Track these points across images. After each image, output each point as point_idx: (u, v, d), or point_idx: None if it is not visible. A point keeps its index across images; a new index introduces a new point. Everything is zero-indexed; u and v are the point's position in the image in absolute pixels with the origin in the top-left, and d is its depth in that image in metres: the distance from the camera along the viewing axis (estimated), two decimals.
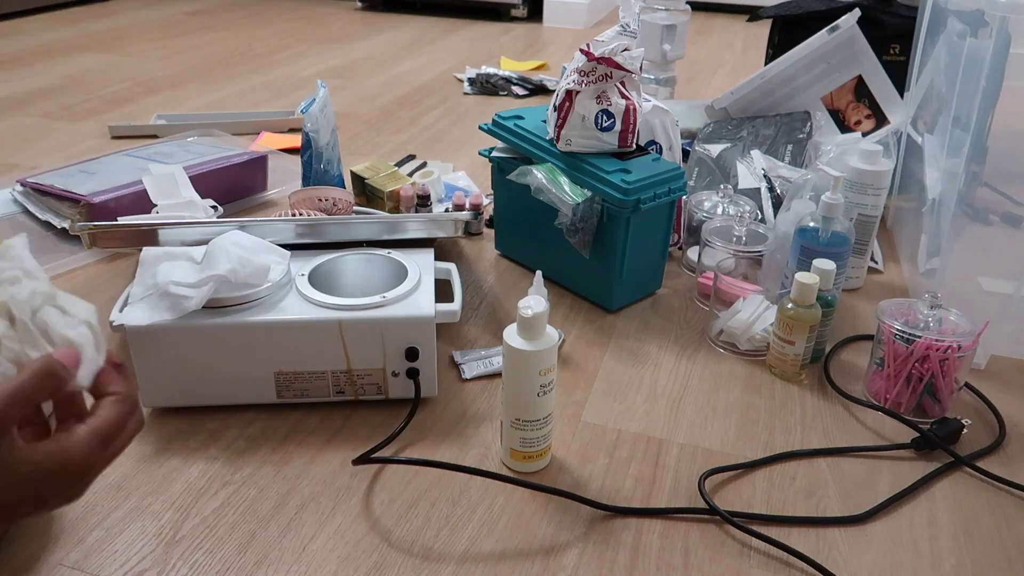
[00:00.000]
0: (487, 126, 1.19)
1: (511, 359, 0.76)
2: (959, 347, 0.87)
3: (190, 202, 1.13)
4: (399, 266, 0.93)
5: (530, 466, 0.82)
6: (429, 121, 1.92)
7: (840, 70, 1.35)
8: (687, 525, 0.76)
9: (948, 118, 1.09)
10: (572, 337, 1.06)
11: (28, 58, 2.41)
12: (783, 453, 0.85)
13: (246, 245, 0.87)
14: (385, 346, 0.86)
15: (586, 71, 1.04)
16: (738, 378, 0.98)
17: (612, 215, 1.03)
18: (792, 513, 0.78)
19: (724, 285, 1.04)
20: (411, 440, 0.86)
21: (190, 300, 0.81)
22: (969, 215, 1.04)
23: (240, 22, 3.00)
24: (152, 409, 0.88)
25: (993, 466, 0.85)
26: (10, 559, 0.70)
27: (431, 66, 2.43)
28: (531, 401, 0.77)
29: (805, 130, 1.34)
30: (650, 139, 1.23)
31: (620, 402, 0.94)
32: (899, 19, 1.47)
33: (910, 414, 0.91)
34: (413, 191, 1.32)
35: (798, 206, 1.11)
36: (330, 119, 1.33)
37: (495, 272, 1.21)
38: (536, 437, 0.80)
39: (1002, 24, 0.94)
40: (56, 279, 1.16)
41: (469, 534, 0.74)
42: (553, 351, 0.76)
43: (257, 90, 2.15)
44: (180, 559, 0.70)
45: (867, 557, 0.73)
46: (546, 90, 2.19)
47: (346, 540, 0.73)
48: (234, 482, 0.79)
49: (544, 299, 0.76)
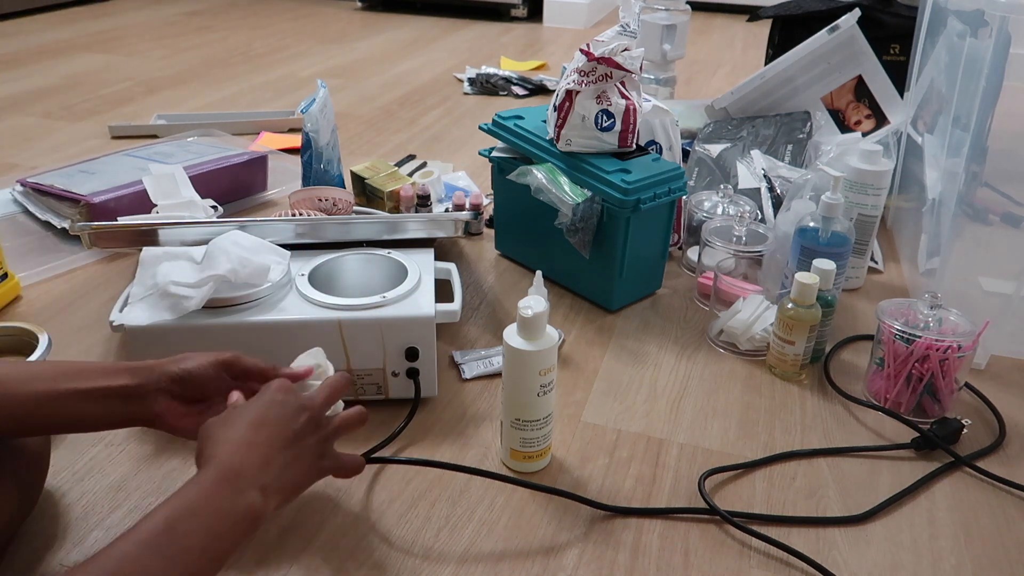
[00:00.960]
0: (487, 126, 1.19)
1: (511, 359, 0.76)
2: (959, 347, 0.87)
3: (190, 202, 1.13)
4: (399, 266, 0.93)
5: (530, 466, 0.82)
6: (429, 121, 1.92)
7: (840, 70, 1.35)
8: (687, 525, 0.76)
9: (948, 118, 1.09)
10: (572, 337, 1.06)
11: (28, 58, 2.41)
12: (783, 453, 0.85)
13: (246, 245, 0.87)
14: (385, 346, 0.86)
15: (586, 71, 1.04)
16: (738, 378, 0.98)
17: (612, 215, 1.03)
18: (792, 513, 0.78)
19: (724, 285, 1.04)
20: (411, 440, 0.86)
21: (190, 300, 0.81)
22: (969, 215, 1.04)
23: (240, 22, 3.00)
24: None
25: (993, 466, 0.85)
26: (11, 559, 0.70)
27: (431, 66, 2.43)
28: (531, 401, 0.77)
29: (805, 130, 1.34)
30: (650, 139, 1.23)
31: (620, 402, 0.94)
32: (899, 19, 1.47)
33: (910, 414, 0.91)
34: (413, 191, 1.32)
35: (798, 206, 1.11)
36: (330, 119, 1.33)
37: (495, 272, 1.21)
38: (536, 437, 0.80)
39: (1002, 24, 0.94)
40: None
41: (469, 534, 0.74)
42: (553, 351, 0.76)
43: (257, 90, 2.15)
44: None
45: (867, 557, 0.73)
46: (546, 90, 2.19)
47: (346, 540, 0.73)
48: None
49: (544, 299, 0.76)
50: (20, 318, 1.06)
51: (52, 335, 0.92)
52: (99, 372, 0.66)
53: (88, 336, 1.02)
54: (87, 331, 1.04)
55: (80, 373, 0.65)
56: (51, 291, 1.13)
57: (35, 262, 1.19)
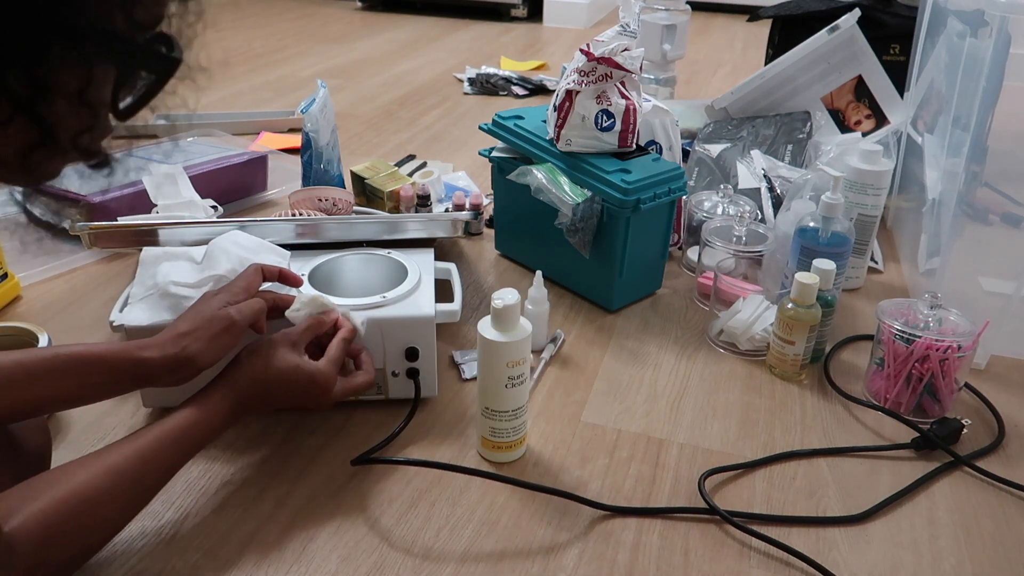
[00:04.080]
0: (487, 126, 1.19)
1: (482, 349, 0.77)
2: (959, 347, 0.87)
3: (190, 202, 1.13)
4: (399, 266, 0.93)
5: (500, 456, 0.82)
6: (429, 121, 1.92)
7: (840, 70, 1.35)
8: (687, 525, 0.76)
9: (948, 118, 1.09)
10: (572, 337, 1.06)
11: None
12: (783, 453, 0.85)
13: (246, 245, 0.87)
14: (385, 346, 0.86)
15: (586, 71, 1.04)
16: (738, 378, 0.98)
17: (612, 215, 1.03)
18: (792, 513, 0.78)
19: (724, 285, 1.04)
20: (411, 440, 0.86)
21: (190, 300, 0.81)
22: (969, 215, 1.04)
23: (240, 22, 3.00)
24: (152, 409, 0.88)
25: (993, 466, 0.85)
26: None
27: (431, 66, 2.43)
28: (499, 392, 0.78)
29: (805, 130, 1.34)
30: (650, 139, 1.23)
31: (620, 402, 0.94)
32: (899, 19, 1.47)
33: (910, 414, 0.91)
34: (413, 191, 1.32)
35: (798, 206, 1.11)
36: (330, 119, 1.33)
37: (495, 272, 1.21)
38: (506, 428, 0.80)
39: (1002, 24, 0.94)
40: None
41: (469, 534, 0.74)
42: (524, 344, 0.76)
43: (257, 90, 2.15)
44: (180, 559, 0.70)
45: (867, 557, 0.73)
46: (546, 90, 2.19)
47: (346, 540, 0.73)
48: (234, 482, 0.79)
49: (545, 298, 0.76)
50: (20, 318, 1.06)
51: (52, 335, 0.92)
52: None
53: (88, 336, 1.02)
54: (87, 331, 1.04)
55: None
56: (51, 291, 1.13)
57: (35, 262, 1.19)
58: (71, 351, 0.68)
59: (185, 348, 0.71)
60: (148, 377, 0.71)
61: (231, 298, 0.76)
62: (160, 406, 0.88)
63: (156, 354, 0.70)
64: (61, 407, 0.82)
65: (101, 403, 0.85)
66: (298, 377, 0.75)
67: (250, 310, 0.76)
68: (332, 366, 0.78)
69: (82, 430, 0.86)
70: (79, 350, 0.68)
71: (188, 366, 0.71)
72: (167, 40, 0.45)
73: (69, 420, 0.87)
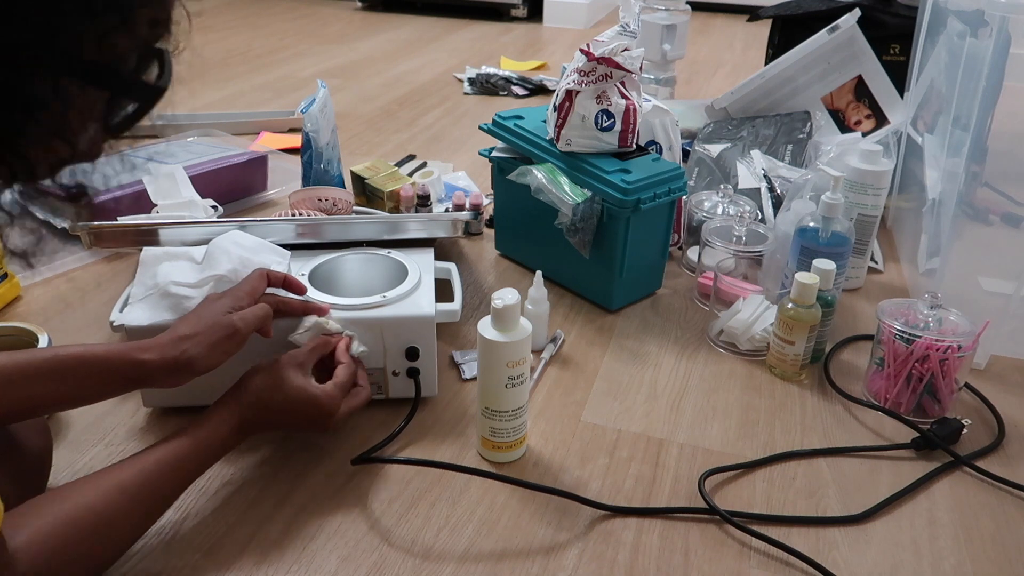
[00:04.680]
0: (487, 126, 1.19)
1: (482, 349, 0.77)
2: (959, 347, 0.87)
3: (190, 202, 1.13)
4: (399, 266, 0.93)
5: (500, 456, 0.82)
6: (429, 121, 1.92)
7: (840, 70, 1.35)
8: (687, 525, 0.76)
9: (948, 118, 1.09)
10: (572, 337, 1.06)
11: None
12: (783, 453, 0.85)
13: (246, 245, 0.87)
14: (385, 346, 0.86)
15: (586, 71, 1.04)
16: (738, 378, 0.98)
17: (612, 215, 1.03)
18: (792, 513, 0.78)
19: (724, 285, 1.04)
20: (411, 440, 0.86)
21: (190, 300, 0.81)
22: (969, 215, 1.04)
23: (240, 22, 3.00)
24: (152, 409, 0.88)
25: (993, 466, 0.85)
26: None
27: (431, 66, 2.43)
28: (499, 392, 0.78)
29: (805, 130, 1.34)
30: (650, 139, 1.23)
31: (620, 402, 0.94)
32: (899, 19, 1.47)
33: (910, 414, 0.91)
34: (413, 191, 1.32)
35: (798, 206, 1.11)
36: (330, 119, 1.33)
37: (495, 272, 1.21)
38: (506, 428, 0.80)
39: (1002, 24, 0.94)
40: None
41: (469, 534, 0.74)
42: (524, 344, 0.76)
43: (257, 90, 2.15)
44: (180, 559, 0.70)
45: (867, 557, 0.73)
46: (546, 90, 2.19)
47: (346, 540, 0.73)
48: (234, 482, 0.79)
49: (545, 298, 0.76)
50: (20, 318, 1.06)
51: (52, 335, 0.92)
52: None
53: (88, 336, 1.02)
54: (87, 331, 1.04)
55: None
56: (51, 291, 1.13)
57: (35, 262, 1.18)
58: (70, 352, 0.68)
59: (184, 352, 0.71)
60: (146, 379, 0.71)
61: (235, 303, 0.75)
62: (160, 406, 0.88)
63: (155, 356, 0.70)
64: (60, 408, 0.82)
65: (101, 403, 0.85)
66: (305, 398, 0.75)
67: (254, 317, 0.75)
68: (339, 390, 0.77)
69: (82, 430, 0.86)
70: (78, 351, 0.68)
71: (186, 370, 0.71)
72: (160, 55, 0.45)
73: (69, 420, 0.87)
